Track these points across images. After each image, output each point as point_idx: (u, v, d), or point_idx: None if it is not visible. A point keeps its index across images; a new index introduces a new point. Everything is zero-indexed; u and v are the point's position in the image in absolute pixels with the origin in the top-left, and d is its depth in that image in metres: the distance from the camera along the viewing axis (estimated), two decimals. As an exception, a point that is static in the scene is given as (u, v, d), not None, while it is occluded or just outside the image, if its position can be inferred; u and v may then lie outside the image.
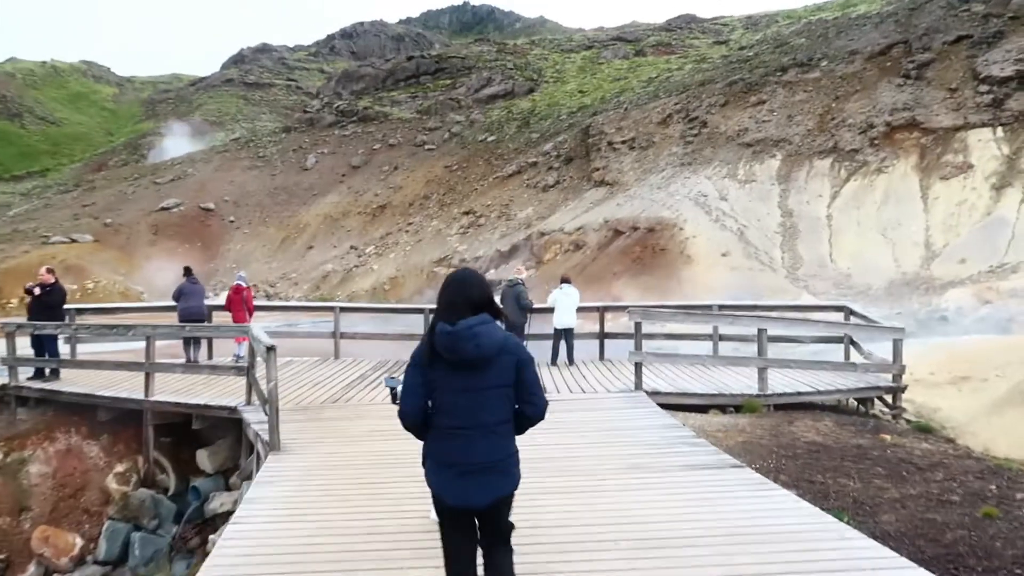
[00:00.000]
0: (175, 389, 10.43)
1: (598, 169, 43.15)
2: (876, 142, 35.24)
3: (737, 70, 48.91)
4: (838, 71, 41.36)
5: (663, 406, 9.66)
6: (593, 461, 7.37)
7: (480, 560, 3.84)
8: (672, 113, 44.98)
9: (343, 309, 14.93)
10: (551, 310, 13.04)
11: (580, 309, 14.77)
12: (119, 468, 9.64)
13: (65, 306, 11.68)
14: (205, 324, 12.47)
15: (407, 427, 3.74)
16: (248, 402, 9.22)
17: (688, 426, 8.61)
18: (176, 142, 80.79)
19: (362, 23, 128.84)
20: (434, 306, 3.89)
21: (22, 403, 10.94)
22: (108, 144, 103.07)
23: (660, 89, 52.91)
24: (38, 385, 10.99)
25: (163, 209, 52.39)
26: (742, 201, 34.69)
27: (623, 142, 44.37)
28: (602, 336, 13.95)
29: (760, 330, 10.42)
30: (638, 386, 10.47)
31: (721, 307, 13.41)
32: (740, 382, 11.12)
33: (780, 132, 38.50)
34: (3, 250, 43.61)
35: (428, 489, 3.77)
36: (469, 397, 3.58)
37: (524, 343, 12.81)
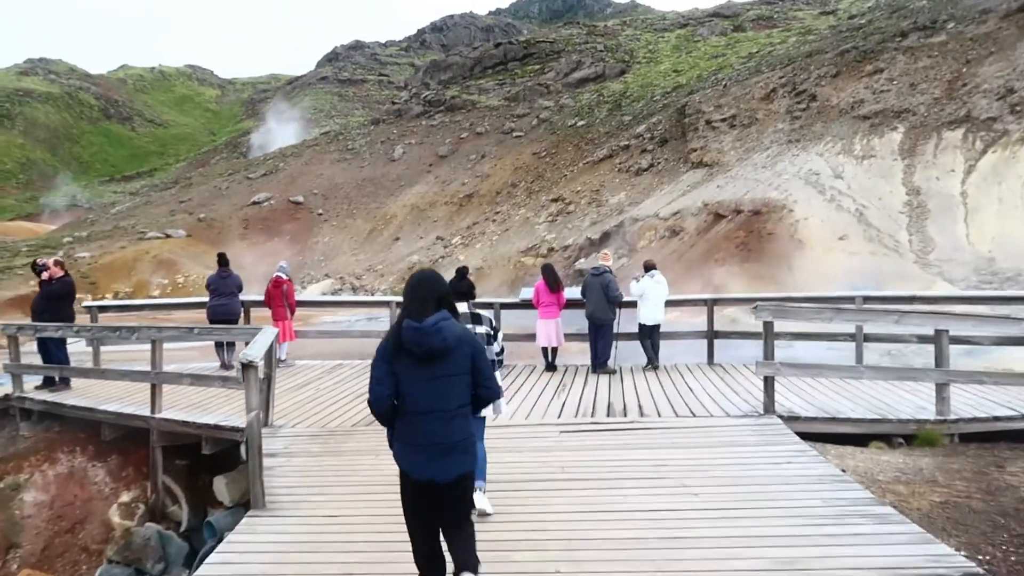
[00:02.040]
0: (189, 403, 8.67)
1: (695, 150, 40.04)
2: (1018, 109, 30.74)
3: (849, 39, 44.70)
4: (968, 32, 36.74)
5: (803, 436, 7.12)
6: (713, 551, 4.72)
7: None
8: (776, 87, 41.28)
9: (398, 304, 12.88)
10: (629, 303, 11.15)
11: (681, 302, 12.51)
12: (124, 497, 8.01)
13: (92, 303, 10.26)
14: (221, 326, 10.18)
15: (376, 414, 3.99)
16: (265, 423, 7.29)
17: (850, 472, 6.08)
18: (271, 139, 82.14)
19: (452, 16, 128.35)
20: (505, 300, 5.66)
21: (26, 416, 9.39)
22: (210, 143, 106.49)
23: (762, 63, 49.11)
24: (41, 396, 9.40)
25: (254, 203, 52.55)
26: (860, 179, 30.97)
27: (723, 120, 41.05)
28: (711, 336, 11.42)
29: (939, 331, 7.58)
30: (769, 408, 7.83)
31: (867, 299, 10.58)
32: (906, 402, 8.35)
33: (902, 102, 34.38)
34: (102, 246, 44.40)
35: None
36: (432, 385, 3.88)
37: (613, 346, 10.79)
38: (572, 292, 11.55)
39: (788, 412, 7.91)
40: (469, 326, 5.16)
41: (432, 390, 3.85)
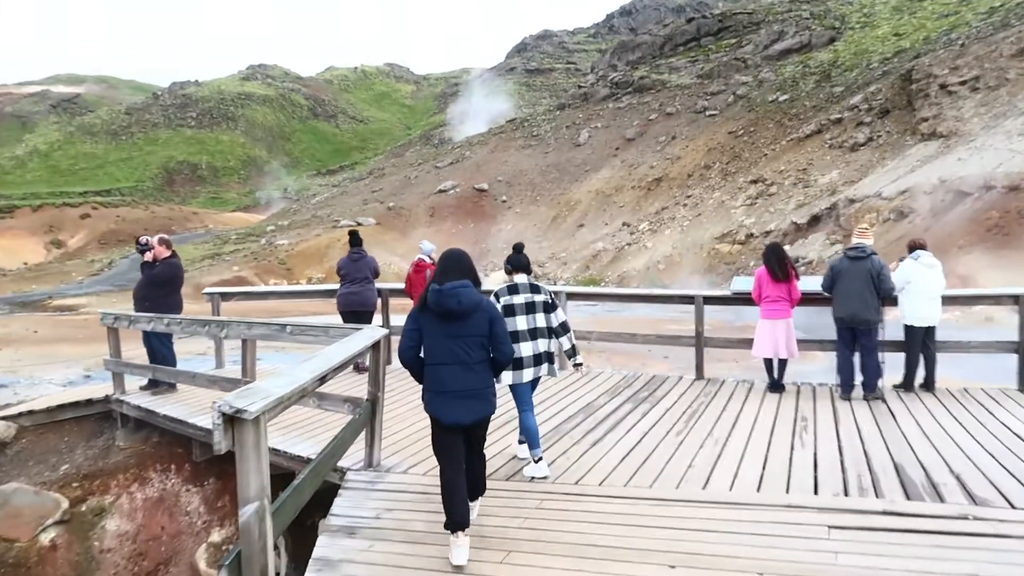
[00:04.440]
0: (294, 422, 6.57)
1: (926, 119, 34.55)
2: None
3: None
4: None
5: None
6: None
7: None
8: (1033, 41, 34.62)
9: (572, 295, 9.81)
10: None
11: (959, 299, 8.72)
12: (216, 536, 6.50)
13: (214, 289, 9.01)
14: (318, 326, 6.81)
15: (405, 364, 4.45)
16: (369, 464, 5.49)
17: None
18: (460, 130, 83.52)
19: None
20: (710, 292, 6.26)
21: (125, 422, 8.00)
22: (406, 137, 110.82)
23: (1011, 16, 41.75)
24: (137, 401, 7.96)
25: (440, 191, 52.89)
26: None
27: (961, 83, 35.11)
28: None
29: None
30: None
31: None
32: None
33: None
34: (300, 234, 46.43)
35: None
36: (452, 341, 4.33)
37: (880, 356, 7.53)
38: (810, 283, 8.49)
39: None
40: (529, 294, 5.46)
41: (451, 345, 4.29)
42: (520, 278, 5.53)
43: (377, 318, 9.73)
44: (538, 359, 5.41)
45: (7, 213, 64.71)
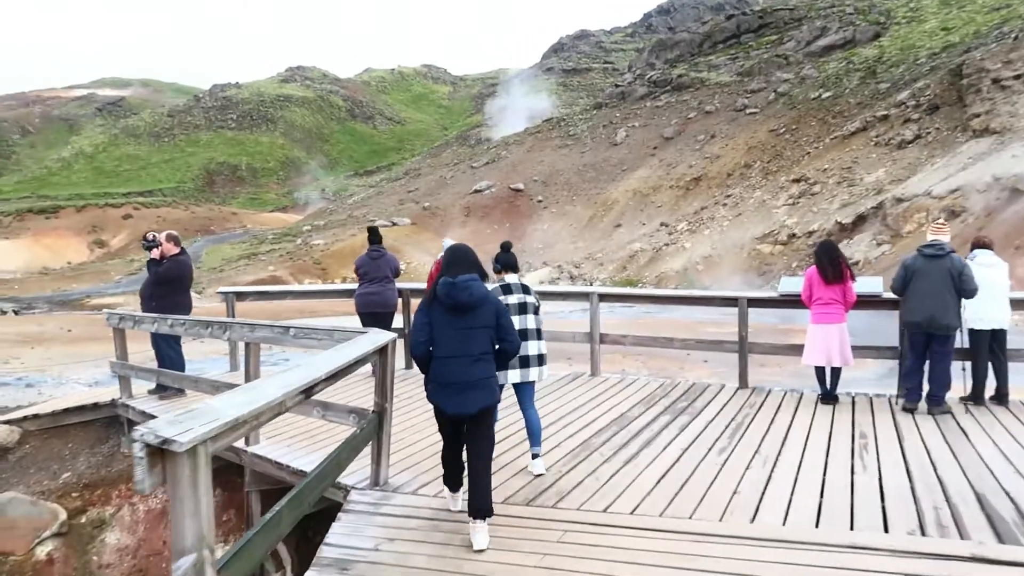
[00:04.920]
0: (299, 431, 6.25)
1: (978, 115, 33.18)
2: None
3: None
4: None
5: None
6: None
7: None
8: (1094, 32, 33.03)
9: (603, 296, 8.92)
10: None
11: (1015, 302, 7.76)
12: (220, 552, 5.96)
13: (228, 288, 8.53)
14: (322, 329, 6.59)
15: (415, 359, 4.48)
16: (375, 482, 4.94)
17: None
18: (496, 131, 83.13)
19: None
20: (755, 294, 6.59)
21: (131, 428, 7.22)
22: (442, 137, 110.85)
23: (1069, 7, 40.01)
24: (142, 407, 7.51)
25: (475, 191, 52.52)
26: None
27: (1016, 77, 33.68)
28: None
29: None
30: None
31: None
32: None
33: None
34: (335, 234, 46.42)
35: None
36: (460, 334, 4.37)
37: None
38: (867, 284, 7.71)
39: None
40: (521, 295, 5.41)
41: (459, 337, 4.36)
42: (511, 278, 5.44)
43: (399, 320, 9.19)
44: (540, 359, 5.37)
45: (52, 213, 66.04)
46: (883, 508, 4.38)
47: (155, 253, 8.19)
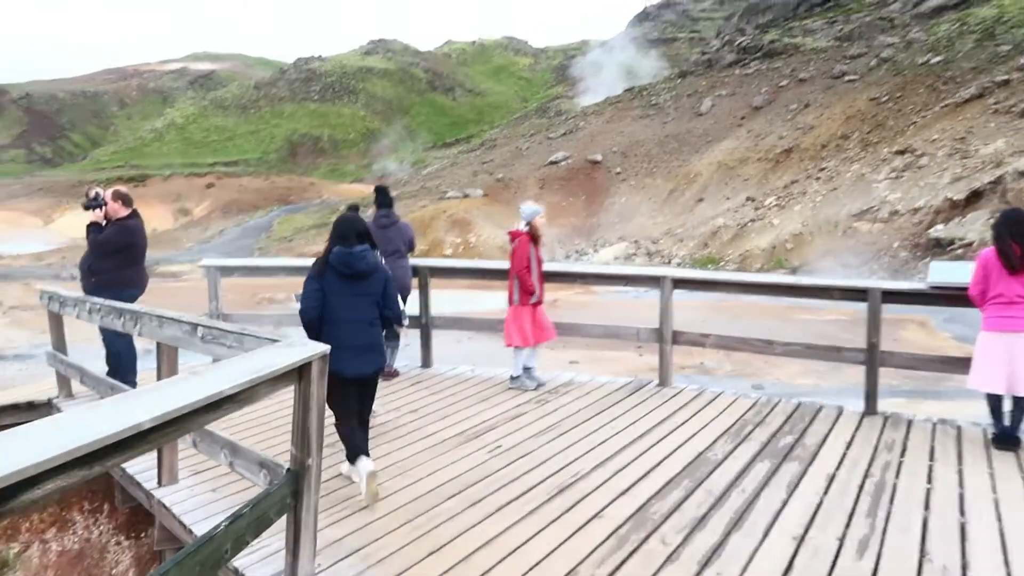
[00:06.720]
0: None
1: (1119, 79, 29.34)
2: None
3: None
4: None
5: None
6: None
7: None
8: None
9: (678, 282, 7.03)
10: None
11: None
12: None
13: (210, 262, 7.18)
14: (233, 331, 4.93)
15: (306, 322, 4.76)
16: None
17: None
18: (577, 101, 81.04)
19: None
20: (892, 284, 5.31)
21: None
22: (522, 110, 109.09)
23: None
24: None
25: (551, 163, 50.84)
26: None
27: None
28: None
29: None
30: None
31: None
32: None
33: None
34: (406, 205, 45.59)
35: None
36: (353, 300, 4.75)
37: None
38: None
39: None
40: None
41: (353, 303, 4.75)
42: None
43: (413, 306, 7.74)
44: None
45: (141, 182, 67.90)
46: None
47: (97, 215, 6.63)
